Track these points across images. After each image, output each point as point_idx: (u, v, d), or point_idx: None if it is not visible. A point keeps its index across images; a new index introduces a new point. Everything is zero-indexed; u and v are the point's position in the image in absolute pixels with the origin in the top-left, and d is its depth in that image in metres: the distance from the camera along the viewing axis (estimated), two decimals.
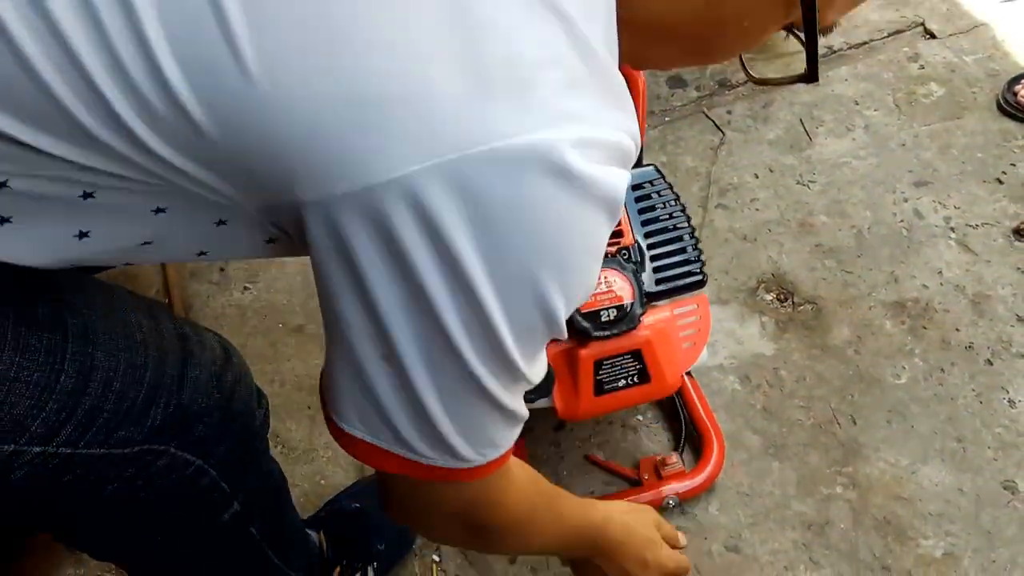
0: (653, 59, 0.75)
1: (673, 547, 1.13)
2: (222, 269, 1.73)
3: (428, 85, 0.50)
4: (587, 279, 0.61)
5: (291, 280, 1.71)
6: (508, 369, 0.61)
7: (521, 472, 0.84)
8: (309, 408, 1.54)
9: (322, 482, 1.46)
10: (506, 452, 0.70)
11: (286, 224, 0.59)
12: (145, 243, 0.64)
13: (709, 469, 1.40)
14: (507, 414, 0.66)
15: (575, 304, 0.61)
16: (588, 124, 0.55)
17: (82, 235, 0.61)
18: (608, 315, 1.18)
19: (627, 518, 1.08)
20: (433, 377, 0.60)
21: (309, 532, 1.28)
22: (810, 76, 0.71)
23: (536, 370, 0.65)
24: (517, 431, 0.70)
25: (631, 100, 0.60)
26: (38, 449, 0.68)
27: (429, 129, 0.50)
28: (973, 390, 1.51)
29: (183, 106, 0.50)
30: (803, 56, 0.69)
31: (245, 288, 1.70)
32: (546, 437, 1.48)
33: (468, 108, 0.51)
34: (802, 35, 0.67)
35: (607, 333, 1.19)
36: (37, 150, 0.53)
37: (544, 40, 0.53)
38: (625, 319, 1.19)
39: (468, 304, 0.56)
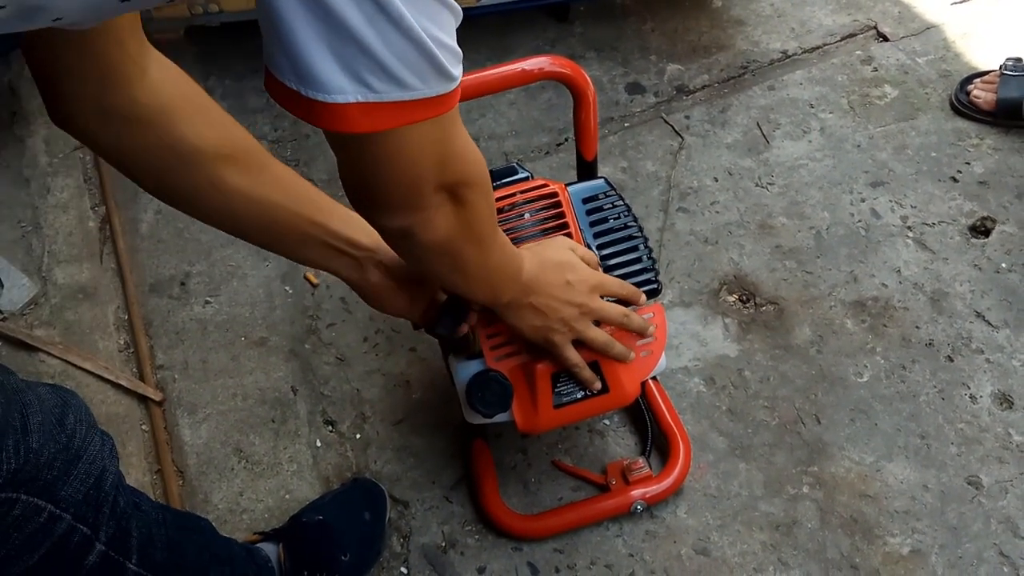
0: None
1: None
2: (183, 283, 1.71)
3: None
4: None
5: (253, 293, 1.69)
6: None
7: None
8: (273, 422, 1.52)
9: (287, 496, 1.44)
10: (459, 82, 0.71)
11: None
12: None
13: (676, 473, 1.39)
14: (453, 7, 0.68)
15: None
16: None
17: None
18: None
19: (537, 250, 1.12)
20: None
21: (259, 547, 1.27)
22: None
23: None
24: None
25: None
26: None
27: None
28: (935, 387, 1.52)
29: None
30: None
31: (206, 302, 1.68)
32: (513, 444, 1.47)
33: None
34: None
35: None
36: None
37: None
38: None
39: None
